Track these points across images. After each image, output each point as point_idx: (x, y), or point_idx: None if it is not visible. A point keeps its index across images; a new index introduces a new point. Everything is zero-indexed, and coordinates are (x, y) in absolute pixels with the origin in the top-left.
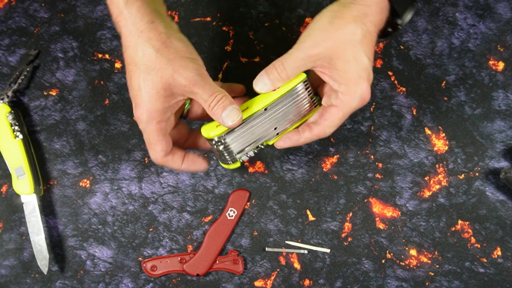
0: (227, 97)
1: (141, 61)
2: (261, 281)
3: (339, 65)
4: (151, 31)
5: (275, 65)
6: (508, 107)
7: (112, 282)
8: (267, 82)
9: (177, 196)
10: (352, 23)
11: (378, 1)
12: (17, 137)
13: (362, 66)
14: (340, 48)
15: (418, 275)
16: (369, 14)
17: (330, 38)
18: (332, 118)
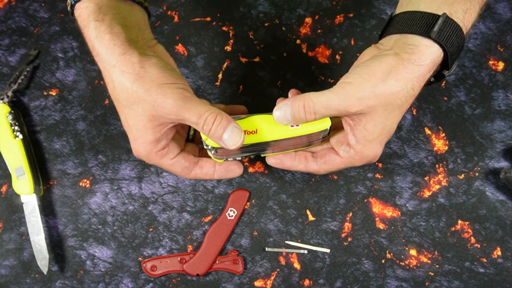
0: (222, 116)
1: (120, 96)
2: (261, 281)
3: (368, 126)
4: (124, 63)
5: (305, 104)
6: (508, 107)
7: (112, 282)
8: (289, 118)
9: (177, 196)
10: (403, 86)
11: (434, 59)
12: (17, 137)
13: (387, 131)
14: (379, 110)
15: (418, 275)
16: (422, 75)
17: (375, 97)
18: (332, 165)
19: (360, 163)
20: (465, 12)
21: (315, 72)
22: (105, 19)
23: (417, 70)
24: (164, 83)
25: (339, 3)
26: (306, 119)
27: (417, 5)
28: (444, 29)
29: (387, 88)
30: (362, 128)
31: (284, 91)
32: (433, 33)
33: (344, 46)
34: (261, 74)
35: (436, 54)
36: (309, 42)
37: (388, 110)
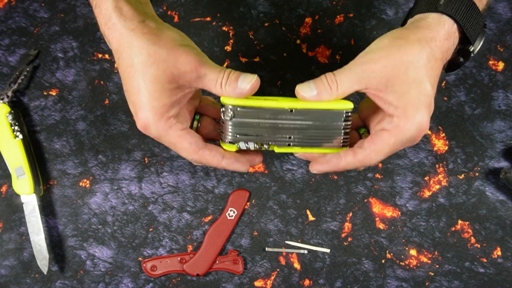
0: (234, 71)
1: (138, 59)
2: (261, 281)
3: (397, 87)
4: (143, 27)
5: (326, 76)
6: (508, 107)
7: (112, 282)
8: (312, 87)
9: (177, 196)
10: (416, 44)
11: (446, 28)
12: (17, 137)
13: (424, 92)
14: (401, 68)
15: (418, 275)
16: (436, 39)
17: (390, 57)
18: (381, 144)
19: (410, 130)
20: None
21: (315, 72)
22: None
23: (427, 32)
24: (185, 44)
25: (339, 3)
26: (330, 89)
27: None
28: (452, 1)
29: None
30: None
31: (284, 91)
32: (440, 6)
33: (344, 46)
34: (261, 74)
35: (446, 23)
36: (309, 42)
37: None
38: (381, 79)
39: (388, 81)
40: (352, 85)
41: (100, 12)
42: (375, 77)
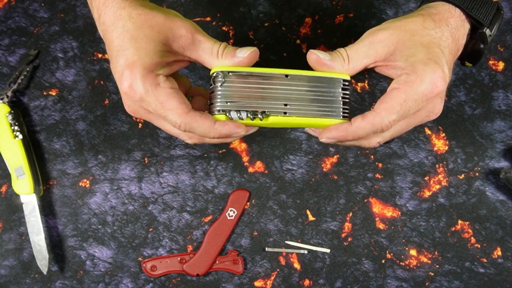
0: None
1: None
2: (261, 281)
3: (404, 52)
4: (140, 1)
5: (337, 49)
6: (508, 107)
7: (112, 282)
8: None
9: (177, 196)
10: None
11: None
12: (17, 137)
13: (432, 54)
14: (406, 35)
15: (418, 275)
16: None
17: (395, 26)
18: (392, 102)
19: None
20: None
21: None
22: None
23: (432, 11)
24: (179, 16)
25: (339, 3)
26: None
27: None
28: None
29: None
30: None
31: None
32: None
33: (344, 46)
34: None
35: (453, 10)
36: (309, 42)
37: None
38: (388, 48)
39: (396, 48)
40: (362, 59)
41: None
42: (382, 46)
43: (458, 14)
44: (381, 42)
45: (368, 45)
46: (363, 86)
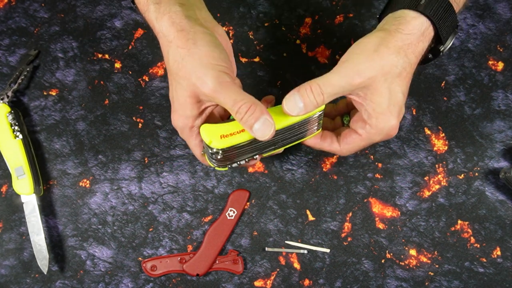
0: (256, 106)
1: (172, 69)
2: (261, 281)
3: (374, 98)
4: (179, 39)
5: (312, 88)
6: (508, 107)
7: (112, 282)
8: (300, 106)
9: (177, 196)
10: (395, 54)
11: (423, 30)
12: (17, 137)
13: (395, 102)
14: (380, 80)
15: (418, 275)
16: (413, 44)
17: (373, 68)
18: (353, 145)
19: (379, 137)
20: None
21: (315, 72)
22: (163, 1)
23: (406, 38)
24: (209, 62)
25: (339, 3)
26: (316, 102)
27: None
28: (432, 2)
29: (380, 57)
30: (369, 102)
31: (284, 91)
32: (420, 6)
33: (344, 46)
34: (261, 74)
35: (424, 25)
36: (309, 42)
37: (388, 80)
38: (362, 89)
39: (368, 91)
40: (336, 95)
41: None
42: (357, 87)
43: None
44: (357, 85)
45: (345, 86)
46: None
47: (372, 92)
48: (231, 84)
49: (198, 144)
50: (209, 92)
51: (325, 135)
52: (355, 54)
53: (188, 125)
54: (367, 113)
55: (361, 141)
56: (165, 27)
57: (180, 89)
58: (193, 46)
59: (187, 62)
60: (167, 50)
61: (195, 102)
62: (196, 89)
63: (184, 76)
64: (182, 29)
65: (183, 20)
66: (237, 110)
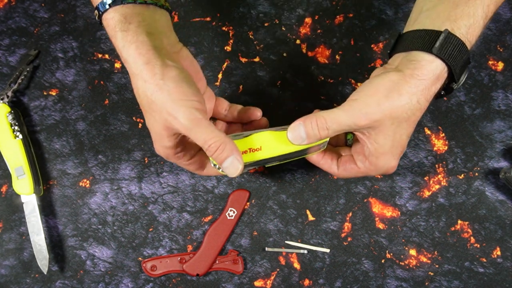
0: (225, 145)
1: (142, 102)
2: (261, 281)
3: (378, 139)
4: (146, 73)
5: (318, 121)
6: (508, 107)
7: (112, 282)
8: (303, 137)
9: (177, 196)
10: (407, 100)
11: (437, 73)
12: (17, 137)
13: (399, 144)
14: (387, 123)
15: (418, 275)
16: (426, 88)
17: (381, 112)
18: (350, 173)
19: (376, 173)
20: (469, 27)
21: (315, 72)
22: (130, 28)
23: (420, 84)
24: (180, 99)
25: (339, 3)
26: (319, 135)
27: (423, 24)
28: (446, 44)
29: (391, 102)
30: (373, 141)
31: (284, 91)
32: (435, 49)
33: (344, 46)
34: (261, 74)
35: (438, 68)
36: (309, 42)
37: (395, 124)
38: (367, 128)
39: (373, 131)
40: (341, 131)
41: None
42: (363, 127)
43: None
44: (363, 125)
45: (351, 126)
46: None
47: (376, 133)
48: (202, 120)
49: (189, 163)
50: (181, 129)
51: (326, 155)
52: (365, 95)
53: (170, 154)
54: (368, 151)
55: (358, 173)
56: (131, 58)
57: (154, 121)
58: (160, 81)
59: (156, 98)
60: (135, 82)
61: (170, 135)
62: (168, 124)
63: (155, 110)
64: (148, 62)
65: (150, 51)
66: (207, 148)
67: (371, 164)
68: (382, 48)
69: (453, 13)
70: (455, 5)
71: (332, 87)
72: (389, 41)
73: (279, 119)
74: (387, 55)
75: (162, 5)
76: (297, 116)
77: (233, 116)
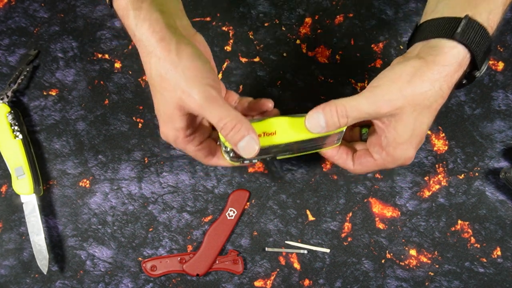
0: (241, 124)
1: (155, 81)
2: (261, 281)
3: (397, 127)
4: (161, 50)
5: (337, 109)
6: (508, 107)
7: (112, 282)
8: (322, 125)
9: (177, 196)
10: (429, 86)
11: (460, 59)
12: (17, 137)
13: (418, 133)
14: (408, 111)
15: (418, 275)
16: (449, 75)
17: (404, 99)
18: (366, 167)
19: (393, 165)
20: (489, 13)
21: (315, 72)
22: (143, 7)
23: (443, 70)
24: (195, 75)
25: (339, 3)
26: (339, 123)
27: (441, 12)
28: (468, 30)
29: (414, 89)
30: (392, 130)
31: (284, 91)
32: (457, 34)
33: (344, 46)
34: (261, 74)
35: (461, 54)
36: (309, 42)
37: (417, 111)
38: (387, 116)
39: (393, 118)
40: (361, 119)
41: (126, 26)
42: (384, 115)
43: (465, 63)
44: (383, 113)
45: (372, 114)
46: (363, 86)
47: (397, 120)
48: (217, 99)
49: (198, 149)
50: (196, 108)
51: (341, 150)
52: (388, 81)
53: (180, 137)
54: (386, 140)
55: (375, 166)
56: (145, 36)
57: (165, 101)
58: (175, 58)
59: (171, 76)
60: (148, 61)
61: (183, 115)
62: (182, 102)
63: (169, 89)
64: (163, 39)
65: (164, 29)
66: (222, 127)
67: (388, 154)
68: (382, 48)
69: (473, 0)
70: None
71: (332, 87)
72: (389, 41)
73: None
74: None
75: None
76: None
77: (243, 107)
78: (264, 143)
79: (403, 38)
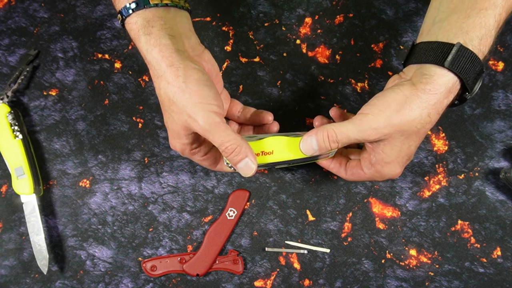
0: (241, 147)
1: (164, 101)
2: (261, 281)
3: (385, 149)
4: (170, 75)
5: (328, 134)
6: (508, 107)
7: (112, 282)
8: (315, 148)
9: (177, 196)
10: (418, 114)
11: (449, 86)
12: (17, 137)
13: (405, 154)
14: (396, 136)
15: (418, 275)
16: (437, 102)
17: (391, 127)
18: (357, 178)
19: (381, 179)
20: (481, 38)
21: (315, 72)
22: (153, 32)
23: (432, 98)
24: (200, 102)
25: (339, 3)
26: (330, 147)
27: (435, 35)
28: (458, 58)
29: (402, 118)
30: (380, 151)
31: (284, 91)
32: (447, 62)
33: (344, 46)
34: (261, 74)
35: (451, 82)
36: (309, 42)
37: (404, 135)
38: (376, 140)
39: (381, 142)
40: (350, 142)
41: (138, 48)
42: (371, 140)
43: (456, 89)
44: (372, 139)
45: (359, 139)
46: (363, 86)
47: (385, 143)
48: (220, 124)
49: (203, 159)
50: (200, 131)
51: (335, 160)
52: (377, 110)
53: (186, 150)
54: (374, 159)
55: (365, 178)
56: (155, 60)
57: (172, 120)
58: (183, 84)
59: (178, 100)
60: (158, 83)
61: (188, 134)
62: (187, 124)
63: (176, 111)
64: (172, 64)
65: (173, 54)
66: (224, 149)
67: (376, 171)
68: (382, 48)
69: (465, 25)
70: (467, 16)
71: (332, 87)
72: (389, 41)
73: (279, 119)
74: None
75: (182, 6)
76: (297, 116)
77: (246, 118)
78: (261, 161)
79: (403, 38)
